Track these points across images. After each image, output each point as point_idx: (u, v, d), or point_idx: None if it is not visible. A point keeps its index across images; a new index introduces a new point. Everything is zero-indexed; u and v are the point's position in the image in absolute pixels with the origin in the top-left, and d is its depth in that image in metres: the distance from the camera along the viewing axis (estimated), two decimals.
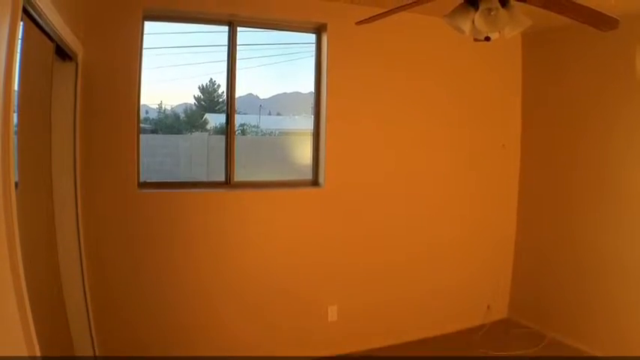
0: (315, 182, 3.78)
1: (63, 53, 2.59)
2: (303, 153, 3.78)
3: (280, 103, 3.71)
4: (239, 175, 3.52)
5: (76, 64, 2.75)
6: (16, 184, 2.18)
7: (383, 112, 3.81)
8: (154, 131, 3.40)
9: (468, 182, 4.15)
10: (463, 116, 4.10)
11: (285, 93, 3.64)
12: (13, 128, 1.63)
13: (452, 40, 3.77)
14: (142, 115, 3.28)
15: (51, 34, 2.17)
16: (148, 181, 3.29)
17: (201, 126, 3.65)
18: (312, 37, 3.72)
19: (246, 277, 3.42)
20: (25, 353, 1.40)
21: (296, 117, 3.90)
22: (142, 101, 3.13)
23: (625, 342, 3.39)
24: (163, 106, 3.31)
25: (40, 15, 1.87)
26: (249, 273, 3.43)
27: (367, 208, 3.79)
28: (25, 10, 1.67)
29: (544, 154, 4.17)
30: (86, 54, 2.82)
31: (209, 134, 3.62)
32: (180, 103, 3.24)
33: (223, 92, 3.40)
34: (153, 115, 3.31)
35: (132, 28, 2.98)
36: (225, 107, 3.41)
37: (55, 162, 2.66)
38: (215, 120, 3.49)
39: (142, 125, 3.18)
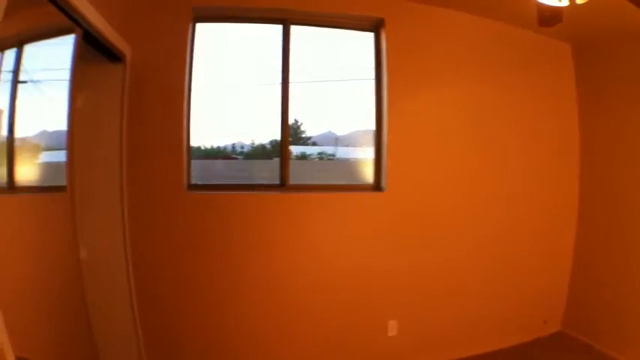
0: (377, 187, 3.47)
1: (111, 55, 2.57)
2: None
3: (354, 138, 3.75)
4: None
5: (125, 66, 2.69)
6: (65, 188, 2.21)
7: (444, 118, 3.56)
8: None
9: (528, 197, 3.87)
10: (520, 128, 3.82)
11: (358, 130, 3.69)
12: None
13: (506, 46, 3.77)
14: (237, 149, 3.61)
15: (94, 33, 2.14)
16: (199, 183, 3.15)
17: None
18: None
19: (303, 285, 3.20)
20: None
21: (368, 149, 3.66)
22: (236, 138, 3.54)
23: None
24: (255, 142, 3.59)
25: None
26: (306, 281, 3.21)
27: (430, 218, 3.51)
28: None
29: (604, 167, 3.85)
30: (134, 55, 2.74)
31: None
32: (272, 139, 3.43)
33: (306, 129, 3.64)
34: (246, 149, 3.65)
35: (180, 29, 2.87)
36: (308, 140, 3.61)
37: (101, 164, 2.64)
38: (296, 150, 3.62)
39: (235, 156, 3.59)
